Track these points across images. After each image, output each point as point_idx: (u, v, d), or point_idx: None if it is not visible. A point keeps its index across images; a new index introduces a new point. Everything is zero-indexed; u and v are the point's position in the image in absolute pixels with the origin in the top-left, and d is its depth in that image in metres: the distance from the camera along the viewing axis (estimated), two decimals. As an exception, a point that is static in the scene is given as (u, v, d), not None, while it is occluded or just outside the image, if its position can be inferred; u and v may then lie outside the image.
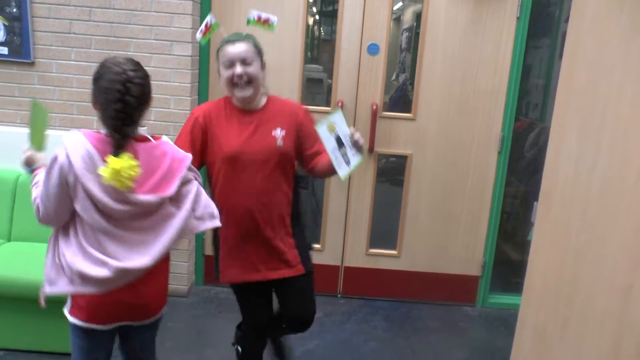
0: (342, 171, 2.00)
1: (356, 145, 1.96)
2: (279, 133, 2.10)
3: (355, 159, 1.99)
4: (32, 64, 3.17)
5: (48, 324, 2.65)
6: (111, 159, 1.55)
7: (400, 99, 3.60)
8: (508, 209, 3.91)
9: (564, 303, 1.71)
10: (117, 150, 1.59)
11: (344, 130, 1.96)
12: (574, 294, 1.65)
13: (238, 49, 2.02)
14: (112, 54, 3.11)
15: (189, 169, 1.77)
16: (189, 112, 3.19)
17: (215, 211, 1.84)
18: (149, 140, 1.72)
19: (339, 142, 1.96)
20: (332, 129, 1.95)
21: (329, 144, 1.96)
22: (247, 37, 2.07)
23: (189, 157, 1.76)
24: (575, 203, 1.68)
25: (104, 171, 1.55)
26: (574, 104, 1.74)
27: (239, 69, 2.00)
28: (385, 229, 3.61)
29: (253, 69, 2.03)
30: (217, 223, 1.82)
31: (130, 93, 1.60)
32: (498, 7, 3.24)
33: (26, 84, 3.20)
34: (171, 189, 1.68)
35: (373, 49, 3.31)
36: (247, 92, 2.04)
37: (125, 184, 1.56)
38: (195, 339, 3.01)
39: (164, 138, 1.79)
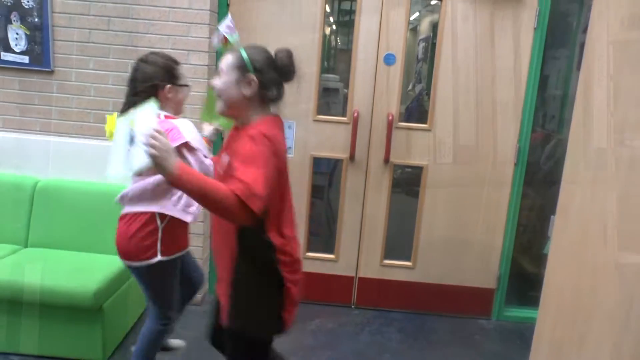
0: (113, 169, 1.64)
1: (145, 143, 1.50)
2: (225, 160, 1.77)
3: (138, 160, 1.55)
4: (52, 72, 3.22)
5: (63, 330, 2.67)
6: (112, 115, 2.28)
7: (416, 109, 3.59)
8: (524, 221, 3.86)
9: (581, 319, 1.67)
10: (121, 111, 2.11)
11: (145, 127, 1.55)
12: (591, 309, 1.62)
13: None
14: (129, 63, 3.17)
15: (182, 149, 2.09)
16: (205, 120, 3.21)
17: (191, 208, 2.22)
18: (159, 117, 2.10)
19: (132, 140, 1.62)
20: (133, 124, 1.63)
21: (118, 139, 1.65)
22: (236, 49, 1.80)
23: (180, 139, 2.05)
24: (593, 217, 1.65)
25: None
26: (592, 115, 1.71)
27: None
28: (400, 240, 3.59)
29: (217, 81, 1.78)
30: (187, 218, 2.22)
31: (132, 74, 2.19)
32: (515, 17, 3.22)
33: (45, 92, 3.25)
34: None
35: (389, 59, 3.31)
36: (218, 106, 1.82)
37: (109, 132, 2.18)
38: (207, 347, 3.00)
39: (177, 121, 2.15)
